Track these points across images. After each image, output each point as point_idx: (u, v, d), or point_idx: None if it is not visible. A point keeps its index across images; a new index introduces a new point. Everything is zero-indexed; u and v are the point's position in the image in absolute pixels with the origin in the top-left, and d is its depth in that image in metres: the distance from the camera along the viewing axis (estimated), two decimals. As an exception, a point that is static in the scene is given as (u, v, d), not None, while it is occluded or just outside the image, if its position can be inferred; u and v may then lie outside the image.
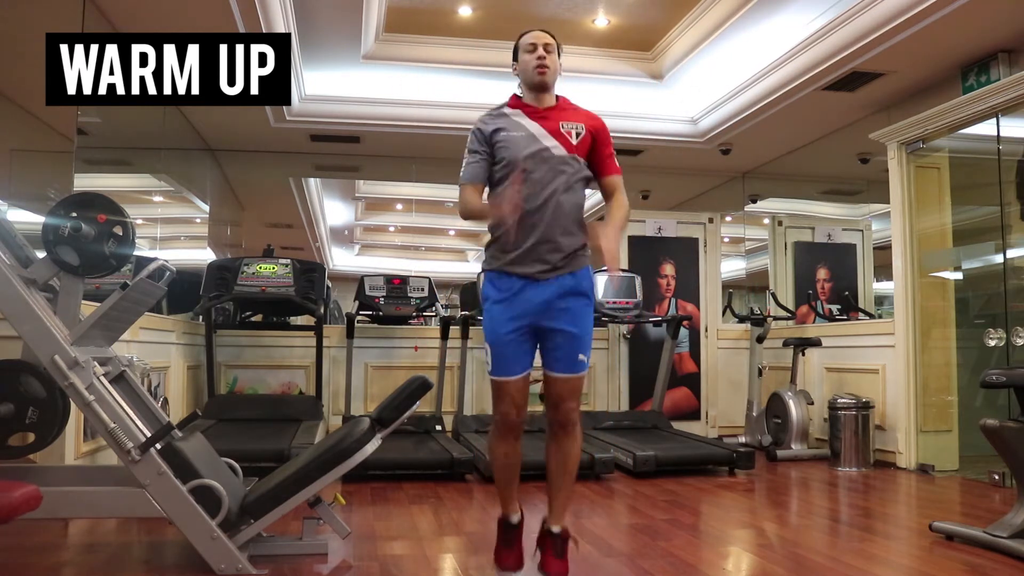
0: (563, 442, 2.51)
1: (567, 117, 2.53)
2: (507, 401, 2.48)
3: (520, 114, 2.52)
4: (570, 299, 2.46)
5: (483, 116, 2.56)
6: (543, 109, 2.53)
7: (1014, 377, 2.96)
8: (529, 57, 2.51)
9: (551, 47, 2.53)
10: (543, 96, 2.54)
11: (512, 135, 2.47)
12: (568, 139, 2.49)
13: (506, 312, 2.45)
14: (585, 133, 2.52)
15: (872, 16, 4.59)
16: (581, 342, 2.47)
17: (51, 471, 2.87)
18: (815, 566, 2.75)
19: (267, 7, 4.48)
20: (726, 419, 6.56)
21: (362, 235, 12.24)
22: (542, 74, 2.49)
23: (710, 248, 6.80)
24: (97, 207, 2.77)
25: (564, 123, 2.51)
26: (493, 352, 2.48)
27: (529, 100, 2.55)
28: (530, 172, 2.43)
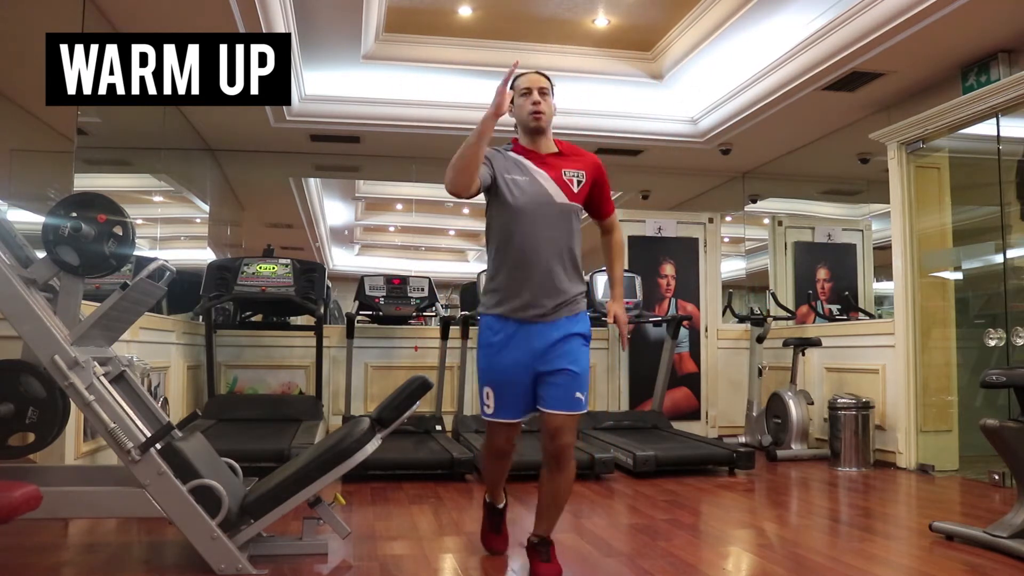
0: (556, 476, 2.55)
1: (569, 164, 2.57)
2: (502, 437, 2.62)
3: (524, 160, 2.56)
4: (569, 341, 2.52)
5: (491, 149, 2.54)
6: (546, 155, 2.57)
7: (1014, 377, 2.96)
8: (524, 102, 2.54)
9: (546, 91, 2.56)
10: (540, 140, 2.58)
11: (518, 179, 2.51)
12: (570, 187, 2.53)
13: (507, 357, 2.51)
14: (586, 181, 2.57)
15: (872, 16, 4.59)
16: (578, 381, 2.52)
17: (51, 471, 2.87)
18: (815, 566, 2.75)
19: (267, 7, 4.47)
20: (726, 419, 6.56)
21: (362, 235, 12.24)
22: (537, 119, 2.54)
23: (710, 248, 6.80)
24: (97, 207, 2.77)
25: (566, 171, 2.55)
26: (495, 395, 2.54)
27: (528, 145, 2.58)
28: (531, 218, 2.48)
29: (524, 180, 2.51)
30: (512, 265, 2.51)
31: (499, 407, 2.55)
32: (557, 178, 2.52)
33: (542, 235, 2.49)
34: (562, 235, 2.52)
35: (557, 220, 2.51)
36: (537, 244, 2.48)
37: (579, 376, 2.51)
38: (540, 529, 2.60)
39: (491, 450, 2.71)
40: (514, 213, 2.49)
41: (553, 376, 2.49)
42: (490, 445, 2.71)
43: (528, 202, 2.49)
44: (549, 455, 2.53)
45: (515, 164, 2.54)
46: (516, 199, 2.49)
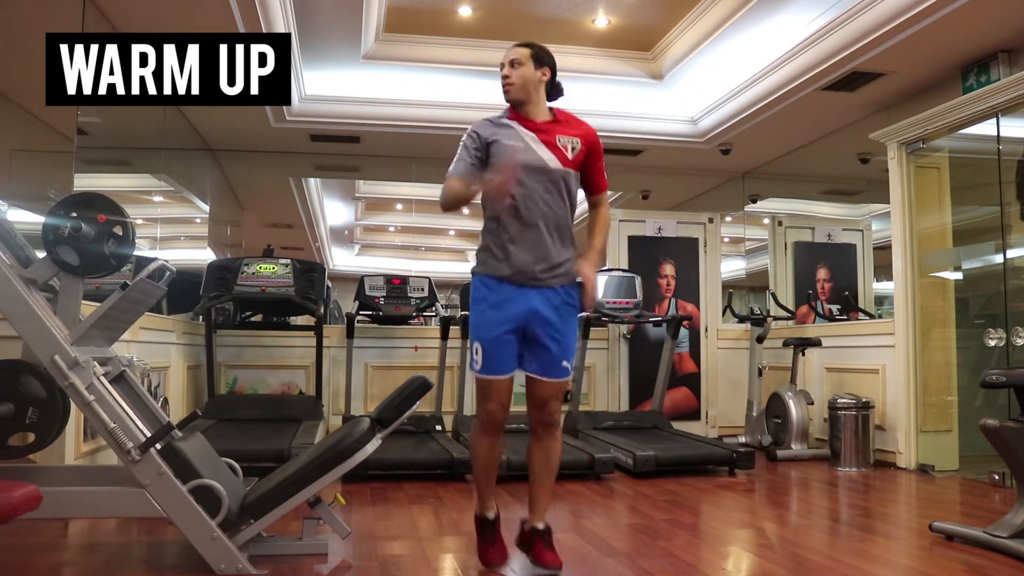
0: (546, 442, 2.61)
1: (564, 131, 2.58)
2: (495, 400, 2.57)
3: (518, 125, 2.57)
4: (560, 308, 2.55)
5: (482, 120, 2.60)
6: (540, 122, 2.58)
7: (1014, 377, 2.96)
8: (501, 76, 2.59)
9: (517, 60, 2.58)
10: (531, 108, 2.59)
11: (509, 144, 2.51)
12: (564, 153, 2.54)
13: (498, 314, 2.52)
14: (580, 147, 2.57)
15: (872, 16, 4.59)
16: (565, 350, 2.57)
17: (51, 471, 2.87)
18: (815, 566, 2.75)
19: (267, 7, 4.48)
20: (726, 419, 6.56)
21: (362, 235, 12.24)
22: (506, 92, 2.58)
23: (710, 248, 6.79)
24: (97, 207, 2.77)
25: (560, 137, 2.56)
26: (484, 352, 2.54)
27: (520, 112, 2.60)
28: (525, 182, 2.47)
29: (515, 145, 2.51)
30: (505, 228, 2.52)
31: (487, 363, 2.55)
32: (550, 143, 2.53)
33: (536, 199, 2.50)
34: (556, 200, 2.53)
35: (551, 184, 2.52)
36: (531, 208, 2.49)
37: (566, 346, 2.57)
38: (537, 511, 2.63)
39: (482, 418, 2.62)
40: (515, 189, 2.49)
41: (540, 342, 2.54)
42: (481, 411, 2.64)
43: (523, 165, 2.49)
44: (537, 423, 2.60)
45: (509, 129, 2.56)
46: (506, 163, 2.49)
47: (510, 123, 2.58)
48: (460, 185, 2.49)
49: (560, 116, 2.63)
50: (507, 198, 2.44)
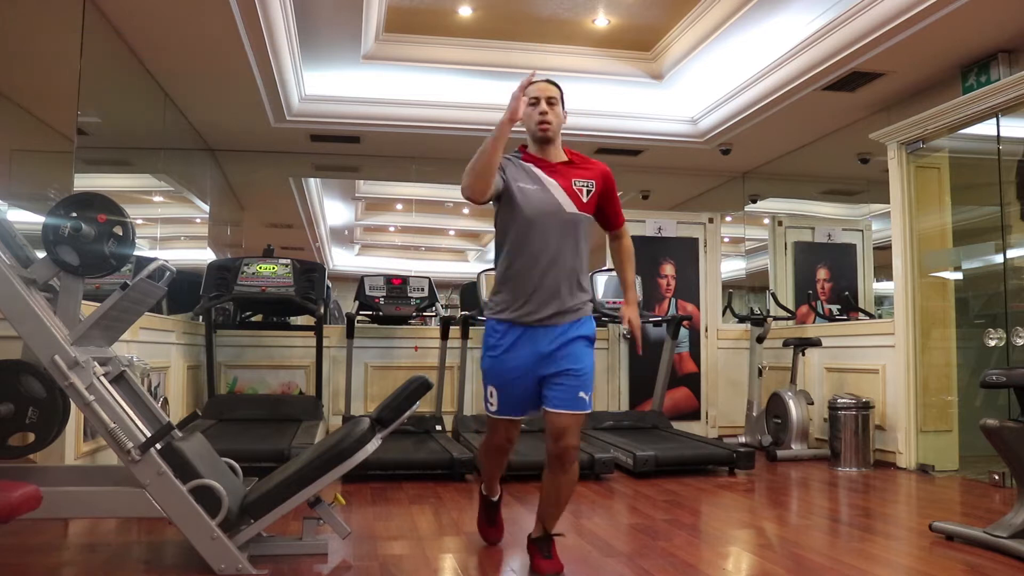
0: (559, 477, 2.55)
1: (579, 174, 2.57)
2: (502, 435, 2.67)
3: (534, 168, 2.55)
4: (573, 343, 2.52)
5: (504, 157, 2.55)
6: (556, 164, 2.56)
7: (1014, 377, 2.96)
8: (532, 112, 2.53)
9: (554, 100, 2.54)
10: (549, 149, 2.57)
11: (528, 188, 2.51)
12: (579, 197, 2.53)
13: (510, 359, 2.53)
14: (595, 190, 2.57)
15: (872, 16, 4.59)
16: (582, 380, 2.52)
17: (51, 471, 2.87)
18: (815, 566, 2.75)
19: (267, 7, 4.47)
20: (726, 419, 6.56)
21: (362, 235, 12.24)
22: (544, 131, 2.53)
23: (710, 248, 6.80)
24: (97, 207, 2.77)
25: (576, 180, 2.55)
26: (500, 394, 2.57)
27: (537, 153, 2.58)
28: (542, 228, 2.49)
29: (534, 188, 2.51)
30: (519, 273, 2.52)
31: (503, 405, 2.59)
32: (567, 187, 2.53)
33: (551, 245, 2.49)
34: (570, 245, 2.52)
35: (566, 230, 2.51)
36: (545, 254, 2.49)
37: (583, 376, 2.51)
38: (544, 523, 2.62)
39: (491, 445, 2.76)
40: (523, 222, 2.49)
41: (557, 377, 2.50)
42: (490, 440, 2.75)
43: (538, 211, 2.49)
44: (553, 456, 2.53)
45: (525, 172, 2.54)
46: (526, 208, 2.49)
47: (525, 165, 2.56)
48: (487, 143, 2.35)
49: (573, 158, 2.61)
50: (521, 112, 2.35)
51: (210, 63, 5.03)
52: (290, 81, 5.68)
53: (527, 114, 2.53)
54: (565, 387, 2.49)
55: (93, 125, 4.53)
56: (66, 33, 4.18)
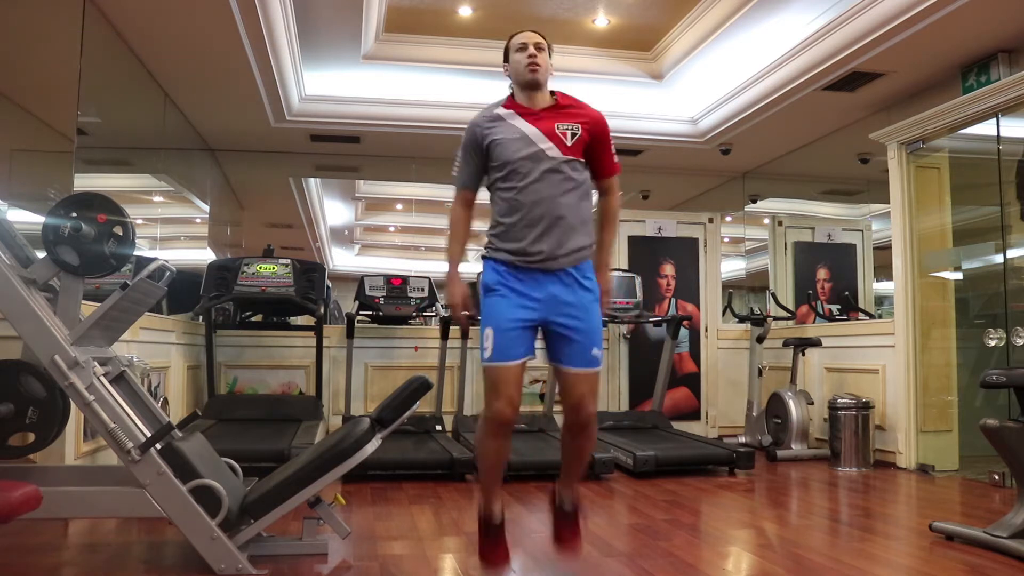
0: (581, 439, 2.50)
1: (563, 117, 2.48)
2: (503, 396, 2.36)
3: (514, 115, 2.48)
4: (576, 292, 2.42)
5: (477, 117, 2.53)
6: (538, 109, 2.48)
7: (1014, 377, 2.96)
8: (520, 56, 2.48)
9: (542, 46, 2.50)
10: (536, 95, 2.50)
11: (506, 138, 2.44)
12: (563, 140, 2.43)
13: (511, 301, 2.40)
14: (581, 133, 2.47)
15: (872, 16, 4.59)
16: (591, 336, 2.41)
17: (51, 471, 2.87)
18: (815, 566, 2.75)
19: (267, 7, 4.47)
20: (726, 419, 6.56)
21: (362, 235, 12.24)
22: (533, 71, 2.45)
23: (710, 248, 6.79)
24: (97, 207, 2.77)
25: (559, 124, 2.46)
26: (495, 337, 2.38)
27: (523, 100, 2.51)
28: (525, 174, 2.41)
29: (512, 137, 2.43)
30: (511, 216, 2.43)
31: (498, 348, 2.37)
32: (549, 131, 2.43)
33: (539, 189, 2.40)
34: (561, 190, 2.41)
35: (552, 174, 2.41)
36: (535, 198, 2.39)
37: (591, 332, 2.41)
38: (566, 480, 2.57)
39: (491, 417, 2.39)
40: (507, 169, 2.42)
41: (563, 331, 2.40)
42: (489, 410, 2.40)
43: (517, 158, 2.41)
44: (573, 423, 2.46)
45: (502, 123, 2.47)
46: (505, 157, 2.42)
47: (504, 114, 2.49)
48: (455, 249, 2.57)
49: (562, 100, 2.53)
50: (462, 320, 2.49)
51: (210, 63, 5.03)
52: (290, 81, 5.68)
53: (514, 60, 2.49)
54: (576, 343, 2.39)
55: (93, 125, 4.53)
56: (66, 33, 4.18)
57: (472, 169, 2.51)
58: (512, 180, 2.42)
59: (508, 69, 2.54)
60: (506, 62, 2.55)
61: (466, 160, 2.51)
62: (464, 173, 2.52)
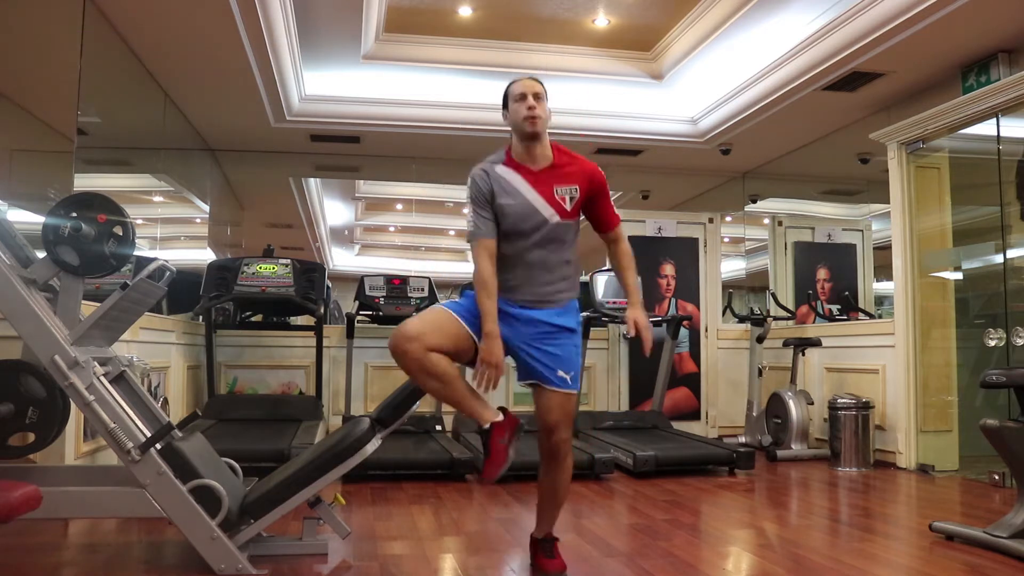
0: (554, 473, 2.53)
1: (561, 179, 2.50)
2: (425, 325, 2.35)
3: (517, 177, 2.50)
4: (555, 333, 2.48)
5: (480, 173, 2.52)
6: (538, 171, 2.50)
7: (1014, 377, 2.96)
8: (519, 107, 2.48)
9: (540, 95, 2.50)
10: (535, 148, 2.50)
11: (508, 202, 2.47)
12: (562, 205, 2.48)
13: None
14: (579, 196, 2.50)
15: (872, 16, 4.59)
16: (565, 361, 2.48)
17: (51, 471, 2.87)
18: (815, 566, 2.75)
19: (267, 7, 4.47)
20: (726, 419, 6.56)
21: (362, 235, 12.24)
22: (532, 126, 2.46)
23: (710, 248, 6.80)
24: (97, 207, 2.77)
25: (558, 188, 2.49)
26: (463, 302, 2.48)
27: (522, 155, 2.51)
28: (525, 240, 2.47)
29: (514, 203, 2.47)
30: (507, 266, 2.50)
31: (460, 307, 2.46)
32: (548, 196, 2.47)
33: (534, 253, 2.48)
34: (554, 251, 2.50)
35: (549, 238, 2.48)
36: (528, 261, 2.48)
37: (562, 359, 2.47)
38: (542, 528, 2.61)
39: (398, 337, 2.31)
40: (506, 234, 2.48)
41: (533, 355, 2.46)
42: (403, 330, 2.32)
43: (519, 223, 2.47)
44: (546, 451, 2.51)
45: (505, 185, 2.49)
46: (508, 221, 2.47)
47: (506, 174, 2.51)
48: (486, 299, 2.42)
49: (558, 160, 2.54)
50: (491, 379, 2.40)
51: (210, 63, 5.03)
52: (290, 81, 5.68)
53: (513, 111, 2.50)
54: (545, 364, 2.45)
55: (93, 125, 4.53)
56: (66, 33, 4.18)
57: (489, 219, 2.49)
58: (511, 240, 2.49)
59: (507, 117, 2.54)
60: (505, 109, 2.54)
61: (481, 211, 2.50)
62: (482, 225, 2.49)
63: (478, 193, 2.50)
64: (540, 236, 2.48)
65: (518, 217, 2.47)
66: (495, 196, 2.49)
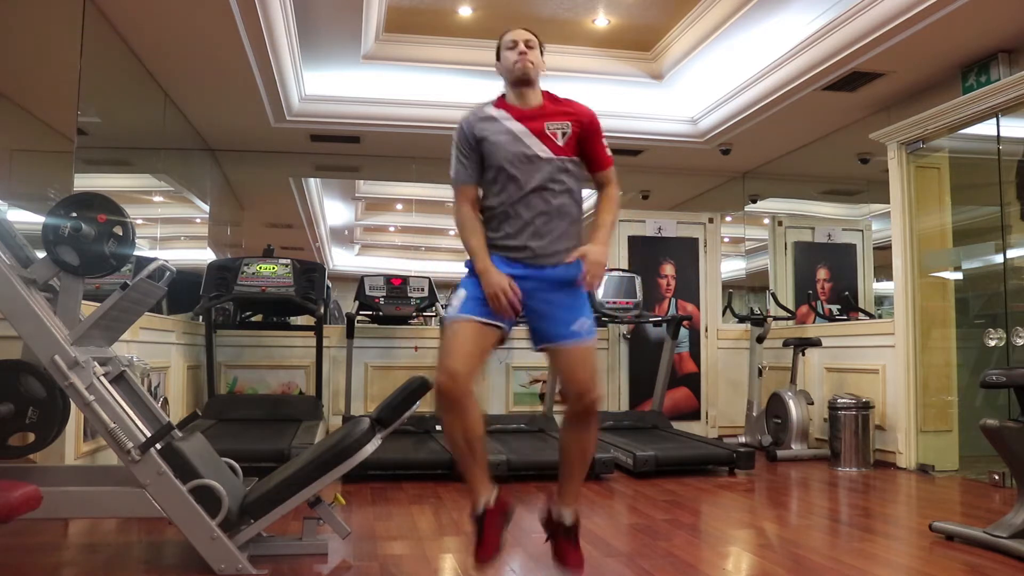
0: (583, 432, 2.42)
1: (553, 116, 2.46)
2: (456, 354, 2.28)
3: (506, 115, 2.47)
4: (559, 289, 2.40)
5: (468, 116, 2.50)
6: (528, 110, 2.47)
7: (1014, 377, 2.96)
8: (510, 53, 2.48)
9: (532, 43, 2.51)
10: (527, 92, 2.48)
11: (497, 139, 2.42)
12: (554, 140, 2.43)
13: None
14: (571, 132, 2.45)
15: (872, 16, 4.59)
16: (575, 311, 2.39)
17: (51, 471, 2.87)
18: (815, 566, 2.75)
19: (267, 7, 4.47)
20: (726, 419, 6.56)
21: (362, 235, 12.24)
22: (523, 66, 2.44)
23: (710, 248, 6.80)
24: (97, 207, 2.77)
25: (549, 123, 2.44)
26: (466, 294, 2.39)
27: (514, 100, 2.49)
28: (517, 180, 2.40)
29: (504, 139, 2.42)
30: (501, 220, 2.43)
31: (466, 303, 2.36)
32: (539, 132, 2.42)
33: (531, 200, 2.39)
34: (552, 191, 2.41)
35: (544, 175, 2.40)
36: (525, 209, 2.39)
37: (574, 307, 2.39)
38: (565, 495, 2.47)
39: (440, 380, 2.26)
40: (499, 171, 2.41)
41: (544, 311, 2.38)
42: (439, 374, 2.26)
43: (509, 160, 2.40)
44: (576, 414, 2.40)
45: (492, 123, 2.45)
46: (497, 158, 2.41)
47: (496, 114, 2.47)
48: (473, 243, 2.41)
49: (550, 100, 2.51)
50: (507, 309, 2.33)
51: (210, 63, 5.03)
52: (290, 81, 5.68)
53: (504, 57, 2.49)
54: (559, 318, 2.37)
55: (93, 125, 4.53)
56: (66, 33, 4.18)
57: (472, 164, 2.46)
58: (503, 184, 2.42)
59: (499, 67, 2.53)
60: (498, 60, 2.54)
61: (462, 157, 2.47)
62: (464, 170, 2.47)
63: (462, 137, 2.46)
64: (535, 180, 2.39)
65: (507, 153, 2.40)
66: (481, 139, 2.43)
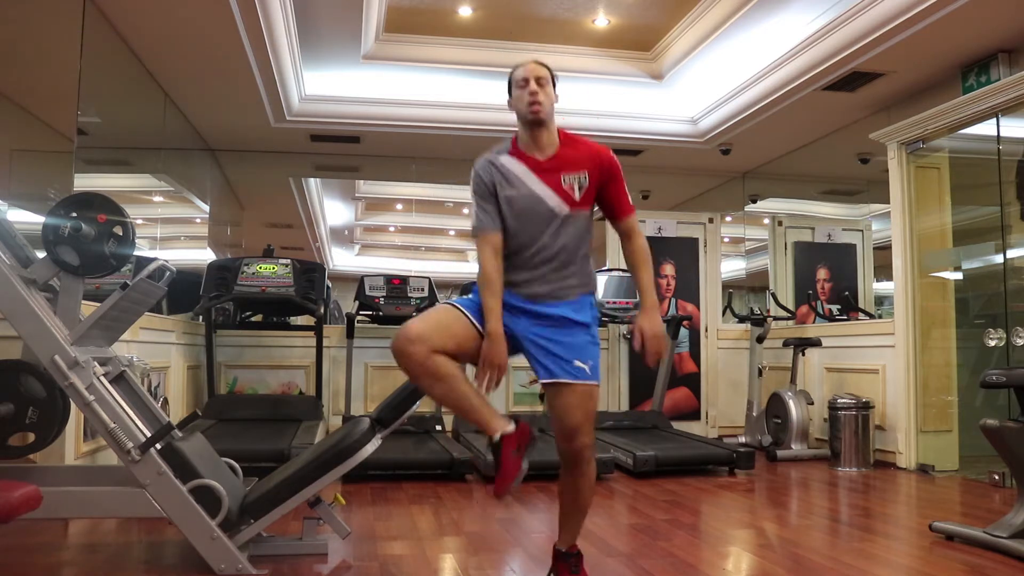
0: (578, 481, 2.35)
1: (569, 166, 2.37)
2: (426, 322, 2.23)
3: (523, 169, 2.38)
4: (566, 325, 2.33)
5: (483, 163, 2.42)
6: (544, 160, 2.38)
7: (1014, 377, 2.96)
8: (521, 93, 2.38)
9: (543, 80, 2.40)
10: (540, 135, 2.39)
11: (511, 194, 2.36)
12: (571, 195, 2.35)
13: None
14: (588, 184, 2.36)
15: (872, 16, 4.59)
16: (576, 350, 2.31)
17: (51, 471, 2.88)
18: (815, 566, 2.75)
19: (267, 6, 4.47)
20: (726, 419, 6.56)
21: (362, 235, 12.24)
22: (535, 112, 2.35)
23: (710, 248, 6.80)
24: (97, 207, 2.77)
25: (566, 176, 2.35)
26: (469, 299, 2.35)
27: (528, 144, 2.39)
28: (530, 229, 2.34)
29: (520, 195, 2.36)
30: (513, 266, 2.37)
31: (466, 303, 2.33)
32: (555, 185, 2.35)
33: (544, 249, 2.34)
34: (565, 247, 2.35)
35: (559, 232, 2.34)
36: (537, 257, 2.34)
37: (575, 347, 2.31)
38: (565, 538, 2.43)
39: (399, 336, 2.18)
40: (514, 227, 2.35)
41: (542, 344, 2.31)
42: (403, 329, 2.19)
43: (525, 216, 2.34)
44: (566, 458, 2.33)
45: (509, 175, 2.38)
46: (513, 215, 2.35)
47: (511, 166, 2.39)
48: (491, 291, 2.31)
49: (565, 143, 2.41)
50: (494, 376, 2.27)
51: (210, 63, 5.03)
52: (290, 81, 5.68)
53: (516, 97, 2.39)
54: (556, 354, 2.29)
55: (93, 125, 4.53)
56: (66, 33, 4.18)
57: (494, 210, 2.37)
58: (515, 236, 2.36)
59: (511, 104, 2.44)
60: (510, 95, 2.44)
61: (483, 204, 2.38)
62: (487, 216, 2.37)
63: (480, 185, 2.38)
64: (550, 230, 2.34)
65: (523, 209, 2.34)
66: (499, 188, 2.37)
